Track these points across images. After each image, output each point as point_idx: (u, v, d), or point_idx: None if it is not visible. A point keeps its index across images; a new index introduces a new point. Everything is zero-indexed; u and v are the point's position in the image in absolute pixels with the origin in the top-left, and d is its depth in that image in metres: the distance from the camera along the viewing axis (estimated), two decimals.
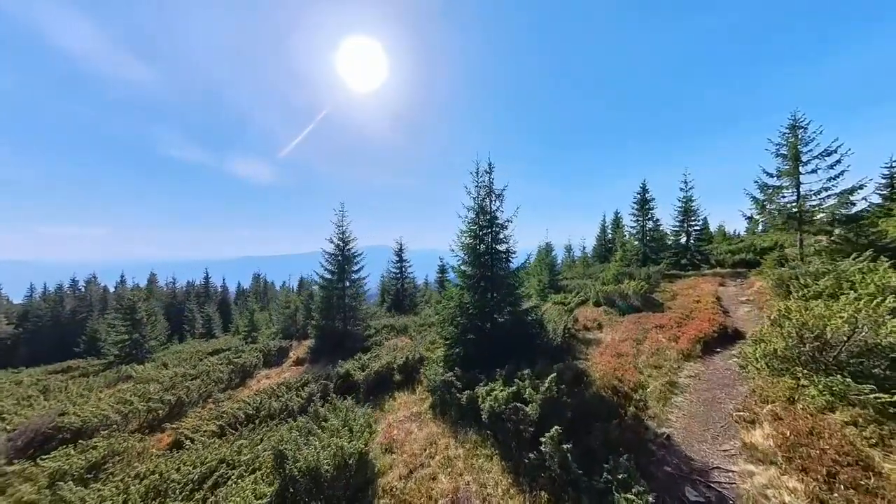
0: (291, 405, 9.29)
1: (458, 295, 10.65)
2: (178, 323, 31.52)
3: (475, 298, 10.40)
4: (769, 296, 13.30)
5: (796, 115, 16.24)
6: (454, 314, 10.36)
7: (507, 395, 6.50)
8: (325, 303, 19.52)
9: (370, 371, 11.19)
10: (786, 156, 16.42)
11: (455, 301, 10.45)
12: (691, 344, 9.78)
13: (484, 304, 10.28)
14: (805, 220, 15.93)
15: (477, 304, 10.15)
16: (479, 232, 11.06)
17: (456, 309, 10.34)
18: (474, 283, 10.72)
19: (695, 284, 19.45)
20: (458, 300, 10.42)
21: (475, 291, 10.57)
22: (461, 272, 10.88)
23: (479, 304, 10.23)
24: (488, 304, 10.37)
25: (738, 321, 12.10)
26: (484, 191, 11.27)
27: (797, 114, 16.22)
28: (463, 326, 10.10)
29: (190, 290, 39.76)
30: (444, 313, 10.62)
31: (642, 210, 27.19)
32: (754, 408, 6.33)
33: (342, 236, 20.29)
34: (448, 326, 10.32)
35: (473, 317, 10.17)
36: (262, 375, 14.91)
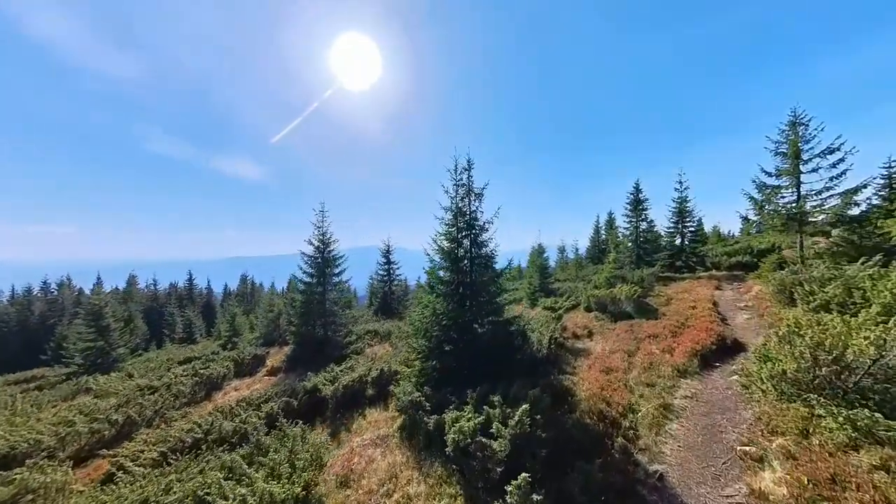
0: (246, 427, 8.32)
1: (432, 303, 9.74)
2: (158, 327, 30.33)
3: (451, 307, 9.48)
4: (770, 302, 12.49)
5: (797, 111, 15.48)
6: (427, 325, 9.44)
7: (472, 427, 5.58)
8: (304, 307, 18.53)
9: (339, 385, 10.24)
10: (786, 154, 15.66)
11: (429, 310, 9.53)
12: (687, 358, 8.92)
13: (461, 314, 9.35)
14: (805, 221, 15.16)
15: (452, 314, 9.23)
16: (457, 234, 10.16)
17: (430, 319, 9.41)
18: (451, 291, 9.81)
19: (690, 288, 18.67)
20: (433, 309, 9.50)
21: (452, 299, 9.65)
22: (437, 278, 9.96)
23: (456, 313, 9.31)
24: (466, 314, 9.46)
25: (738, 330, 11.27)
26: (462, 190, 10.37)
27: (797, 110, 15.47)
28: (437, 339, 9.18)
29: (172, 293, 38.45)
30: (416, 324, 9.69)
31: (636, 210, 26.39)
32: (761, 440, 5.46)
33: (322, 237, 19.31)
34: (420, 339, 9.39)
35: (448, 328, 9.24)
36: (231, 387, 13.91)
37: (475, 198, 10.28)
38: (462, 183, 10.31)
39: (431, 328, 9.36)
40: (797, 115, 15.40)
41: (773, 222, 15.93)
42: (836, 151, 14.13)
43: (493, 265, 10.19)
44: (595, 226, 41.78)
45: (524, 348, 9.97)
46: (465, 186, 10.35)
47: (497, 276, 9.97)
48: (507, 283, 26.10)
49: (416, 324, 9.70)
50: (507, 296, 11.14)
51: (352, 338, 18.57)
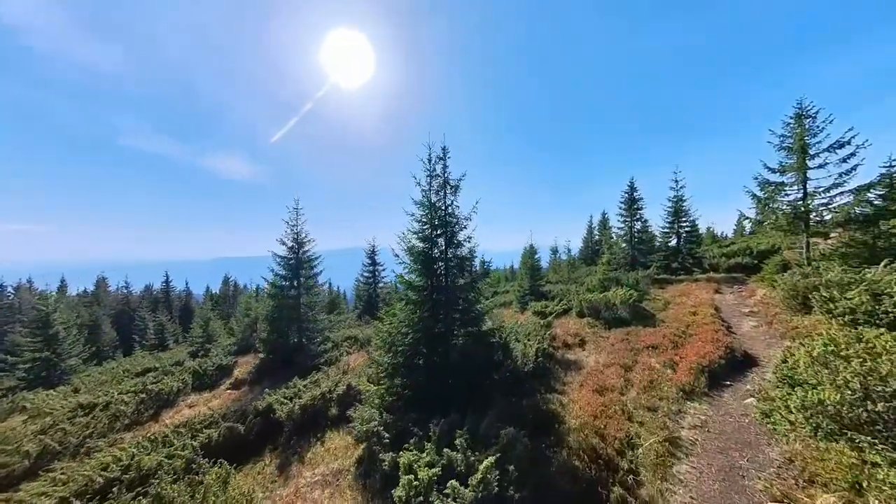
0: (174, 464, 6.95)
1: (403, 311, 8.46)
2: (129, 333, 28.55)
3: (423, 317, 8.21)
4: (779, 308, 11.38)
5: (803, 102, 14.44)
6: (394, 338, 8.15)
7: (428, 479, 4.32)
8: (276, 312, 17.14)
9: (295, 406, 8.92)
10: (791, 149, 14.61)
11: (397, 320, 8.24)
12: (693, 375, 7.73)
13: (433, 325, 8.09)
14: (812, 220, 14.11)
15: (423, 325, 7.96)
16: (430, 233, 8.90)
17: (397, 331, 8.13)
18: (423, 298, 8.54)
19: (688, 291, 17.59)
20: (401, 319, 8.22)
21: (423, 308, 8.37)
22: (407, 283, 8.68)
23: (428, 324, 8.04)
24: (439, 325, 8.19)
25: (746, 340, 10.12)
26: (437, 182, 9.11)
27: (804, 101, 14.43)
28: (405, 354, 7.89)
29: (147, 296, 36.54)
30: (382, 335, 8.39)
31: (630, 210, 25.36)
32: (799, 494, 4.26)
33: (296, 237, 17.94)
34: (385, 355, 8.10)
35: (418, 341, 7.97)
36: (185, 404, 12.49)
37: (451, 190, 9.02)
38: (436, 174, 9.05)
39: (399, 341, 8.08)
40: (803, 108, 14.37)
41: (777, 221, 14.87)
42: (846, 145, 13.10)
43: (472, 268, 8.94)
44: (588, 226, 40.77)
45: (506, 363, 8.71)
46: (440, 178, 9.10)
47: (475, 281, 8.71)
48: (492, 286, 24.30)
49: (383, 335, 8.41)
50: (497, 299, 9.97)
51: (328, 345, 17.20)
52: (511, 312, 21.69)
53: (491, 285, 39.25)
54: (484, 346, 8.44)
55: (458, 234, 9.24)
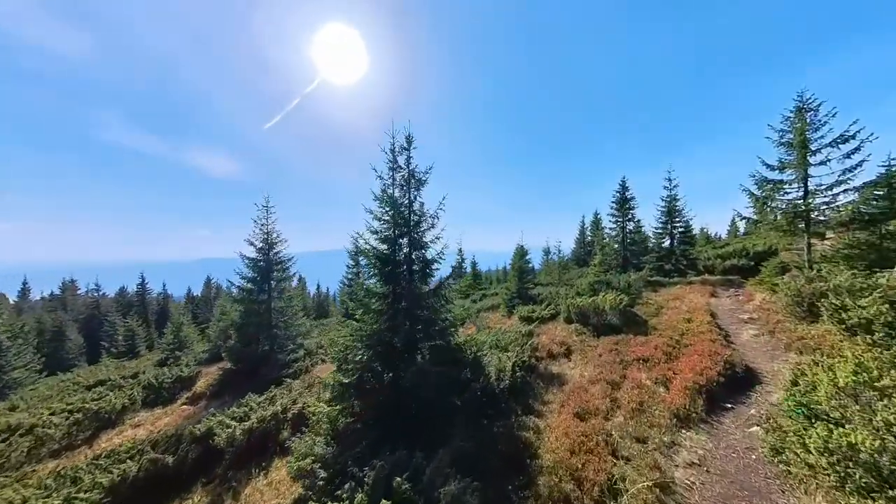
0: None
1: (361, 321, 7.37)
2: (99, 339, 27.06)
3: (379, 329, 7.13)
4: (781, 315, 10.42)
5: (804, 95, 13.55)
6: (348, 353, 7.06)
7: None
8: (244, 319, 15.98)
9: (235, 431, 7.79)
10: (791, 144, 13.71)
11: (349, 332, 7.15)
12: (689, 396, 6.71)
13: (391, 338, 7.01)
14: (814, 219, 13.22)
15: (376, 339, 6.88)
16: (392, 233, 7.83)
17: (351, 345, 7.04)
18: (383, 307, 7.46)
19: (682, 295, 16.67)
20: (357, 331, 7.13)
21: (381, 318, 7.30)
22: (364, 289, 7.59)
23: (383, 337, 6.96)
24: (397, 338, 7.12)
25: (746, 351, 9.15)
26: (401, 176, 8.05)
27: (805, 94, 13.54)
28: (358, 372, 6.81)
29: (120, 299, 34.97)
30: (336, 348, 7.29)
31: (622, 210, 24.47)
32: None
33: (267, 237, 16.78)
34: (336, 374, 7.01)
35: (373, 358, 6.88)
36: (131, 423, 11.30)
37: (416, 184, 7.97)
38: (399, 166, 7.99)
39: (352, 357, 6.99)
40: (804, 100, 13.48)
41: (776, 221, 13.99)
42: (850, 140, 12.21)
43: (436, 273, 7.89)
44: (580, 226, 39.95)
45: (476, 381, 7.64)
46: (404, 171, 8.03)
47: (440, 287, 7.65)
48: (481, 289, 22.93)
49: (337, 348, 7.32)
50: (485, 302, 8.90)
51: (298, 354, 16.04)
52: (498, 317, 20.67)
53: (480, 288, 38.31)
54: (450, 362, 7.36)
55: (426, 234, 8.20)
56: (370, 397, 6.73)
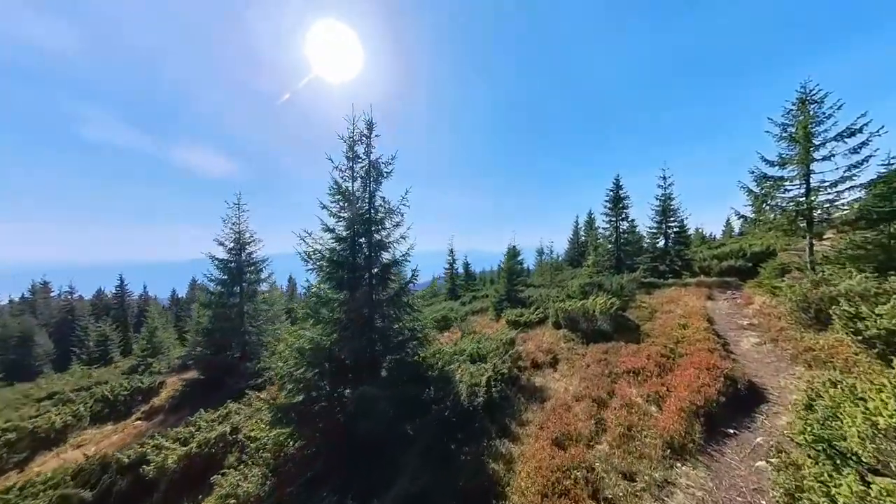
0: None
1: (313, 332, 6.42)
2: (71, 344, 25.72)
3: (337, 340, 6.19)
4: (784, 322, 9.57)
5: (807, 86, 12.73)
6: (297, 369, 6.11)
7: None
8: (213, 324, 14.98)
9: (167, 459, 6.81)
10: (793, 138, 12.90)
11: (296, 345, 6.20)
12: (685, 419, 5.81)
13: (342, 352, 6.07)
14: (817, 218, 12.41)
15: (326, 354, 5.93)
16: (350, 232, 6.90)
17: (299, 360, 6.09)
18: (338, 317, 6.52)
19: (677, 297, 15.84)
20: (304, 345, 6.18)
21: (336, 329, 6.35)
22: (316, 297, 6.64)
23: (333, 352, 6.02)
24: (351, 353, 6.17)
25: (748, 363, 8.29)
26: (361, 167, 7.12)
27: (808, 85, 12.72)
28: (304, 393, 5.86)
29: (97, 302, 33.58)
30: (283, 363, 6.33)
31: (615, 209, 23.65)
32: None
33: (238, 237, 15.79)
34: (283, 393, 6.06)
35: (325, 375, 5.94)
36: (76, 442, 10.27)
37: (376, 176, 7.03)
38: (358, 156, 7.05)
39: (298, 374, 6.04)
40: (807, 92, 12.67)
41: (776, 220, 13.18)
42: (857, 133, 11.41)
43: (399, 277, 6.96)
44: (574, 226, 39.17)
45: (444, 399, 6.71)
46: (364, 161, 7.10)
47: (399, 294, 6.71)
48: (472, 291, 21.69)
49: (281, 367, 6.36)
50: (475, 304, 7.95)
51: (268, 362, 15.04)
52: (486, 320, 19.81)
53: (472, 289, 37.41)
54: (411, 380, 6.42)
55: (392, 233, 7.27)
56: (315, 423, 5.78)
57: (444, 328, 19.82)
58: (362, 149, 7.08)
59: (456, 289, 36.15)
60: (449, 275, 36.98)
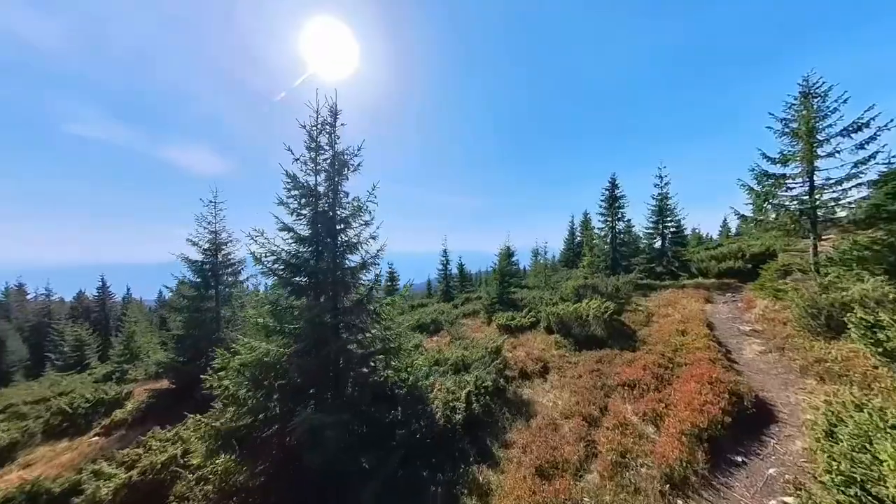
0: None
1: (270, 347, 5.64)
2: (47, 349, 24.62)
3: (291, 357, 5.42)
4: (791, 329, 8.89)
5: (810, 79, 12.10)
6: (248, 387, 5.33)
7: None
8: (185, 329, 14.16)
9: (100, 489, 6.01)
10: (795, 134, 12.26)
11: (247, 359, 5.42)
12: (686, 445, 5.09)
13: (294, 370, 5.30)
14: (822, 217, 11.77)
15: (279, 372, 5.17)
16: (313, 232, 6.15)
17: (251, 378, 5.32)
18: (299, 327, 5.76)
19: (674, 300, 15.21)
20: (252, 363, 5.40)
21: (295, 342, 5.59)
22: (269, 306, 5.87)
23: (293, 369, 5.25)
24: (317, 370, 5.41)
25: (753, 374, 7.60)
26: (325, 159, 6.37)
27: (811, 78, 12.09)
28: (252, 416, 5.09)
29: (77, 305, 32.49)
30: (223, 385, 5.55)
31: (611, 209, 23.03)
32: None
33: (214, 237, 14.96)
34: (224, 417, 5.29)
35: (279, 394, 5.18)
36: (24, 462, 9.44)
37: (341, 169, 6.28)
38: (321, 147, 6.30)
39: (246, 395, 5.27)
40: (810, 85, 12.04)
41: (779, 220, 12.54)
42: (864, 128, 10.78)
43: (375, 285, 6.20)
44: (570, 226, 38.53)
45: (418, 418, 5.96)
46: (328, 153, 6.35)
47: (362, 302, 5.95)
48: (466, 292, 20.74)
49: (229, 381, 5.58)
50: (467, 307, 7.19)
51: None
52: (478, 323, 19.08)
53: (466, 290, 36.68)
54: (377, 399, 5.67)
55: (362, 233, 6.52)
56: (265, 451, 5.02)
57: (434, 332, 19.10)
58: (326, 139, 6.33)
59: (450, 290, 35.41)
60: (443, 276, 36.26)
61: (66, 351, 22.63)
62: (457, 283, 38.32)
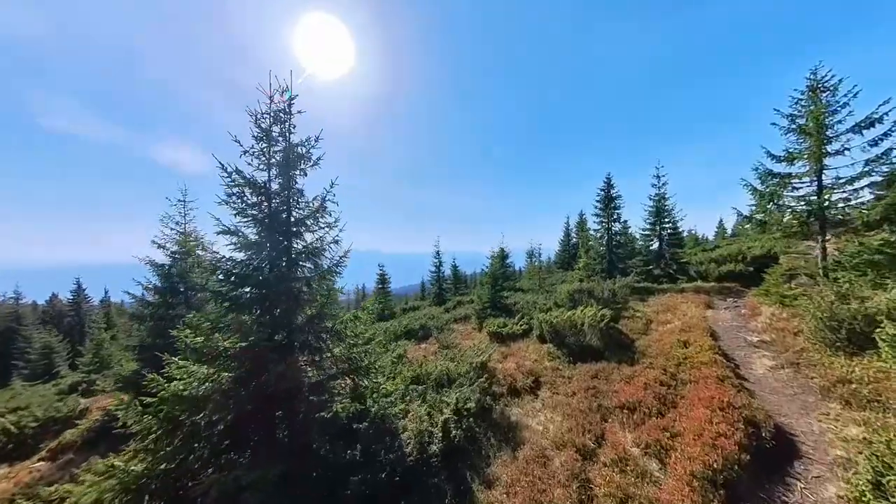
0: None
1: (195, 382, 4.74)
2: (14, 356, 23.21)
3: (221, 386, 4.52)
4: (805, 341, 8.10)
5: (818, 72, 11.37)
6: (153, 428, 4.41)
7: None
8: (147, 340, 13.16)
9: None
10: (803, 131, 11.52)
11: (179, 388, 4.52)
12: (699, 491, 4.26)
13: (229, 404, 4.41)
14: (832, 218, 11.04)
15: (217, 402, 4.28)
16: (263, 237, 5.25)
17: (166, 417, 4.41)
18: (237, 352, 4.85)
19: (673, 305, 14.47)
20: (185, 388, 4.50)
21: (231, 369, 4.69)
22: (209, 324, 4.97)
23: (228, 405, 4.36)
24: (261, 403, 4.51)
25: (766, 395, 6.79)
26: (279, 150, 5.48)
27: (819, 71, 11.36)
28: (166, 462, 4.19)
29: (49, 309, 30.99)
30: (138, 421, 4.63)
31: (607, 209, 22.28)
32: None
33: (182, 239, 13.97)
34: (134, 461, 4.37)
35: (204, 439, 4.28)
36: None
37: (294, 162, 5.39)
38: (273, 137, 5.40)
39: (164, 438, 4.35)
40: (819, 79, 11.31)
41: (785, 221, 11.80)
42: (877, 124, 10.06)
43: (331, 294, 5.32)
44: (566, 228, 37.81)
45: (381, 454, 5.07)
46: (281, 146, 5.45)
47: (315, 318, 5.05)
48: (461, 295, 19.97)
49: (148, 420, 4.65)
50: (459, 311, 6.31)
51: None
52: (469, 329, 18.21)
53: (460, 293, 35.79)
54: (329, 438, 4.77)
55: (326, 237, 5.64)
56: None
57: (422, 338, 18.24)
58: (282, 126, 5.44)
59: (443, 293, 34.53)
60: (436, 278, 35.38)
61: (34, 359, 21.36)
62: (450, 286, 37.44)
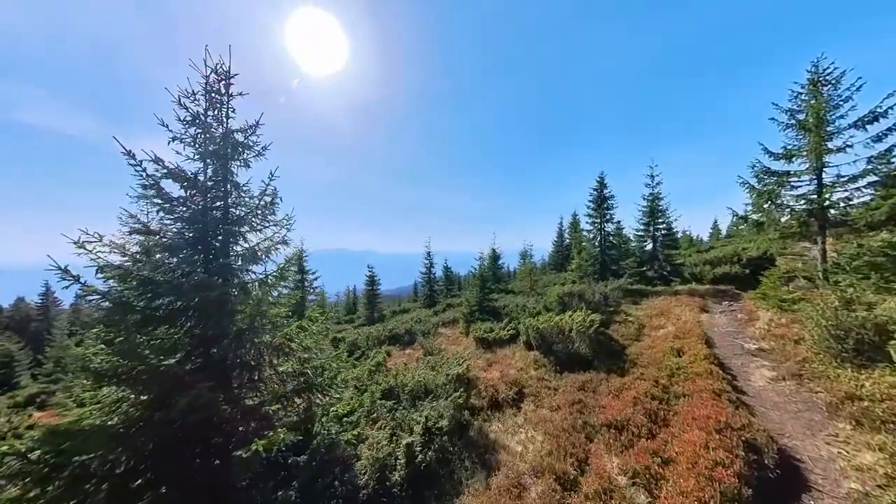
0: None
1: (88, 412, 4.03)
2: None
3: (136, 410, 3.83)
4: (807, 351, 7.50)
5: (820, 64, 10.81)
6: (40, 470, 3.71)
7: None
8: None
9: None
10: (803, 126, 10.96)
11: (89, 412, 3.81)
12: None
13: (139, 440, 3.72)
14: (833, 218, 10.48)
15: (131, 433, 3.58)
16: (193, 237, 4.55)
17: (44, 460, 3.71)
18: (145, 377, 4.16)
19: (667, 309, 13.88)
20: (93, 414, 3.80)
21: (140, 394, 4.00)
22: (126, 346, 4.26)
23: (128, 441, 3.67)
24: (172, 438, 3.82)
25: (767, 411, 6.18)
26: (218, 135, 4.77)
27: (821, 63, 10.79)
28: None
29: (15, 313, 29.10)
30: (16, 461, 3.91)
31: (600, 210, 21.71)
32: None
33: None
34: None
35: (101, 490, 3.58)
36: None
37: (231, 152, 4.69)
38: (207, 122, 4.70)
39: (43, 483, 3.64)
40: (820, 71, 10.75)
41: (788, 222, 11.24)
42: (881, 118, 9.51)
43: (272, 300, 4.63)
44: (559, 228, 37.26)
45: (328, 489, 4.39)
46: (218, 130, 4.75)
47: (243, 331, 4.36)
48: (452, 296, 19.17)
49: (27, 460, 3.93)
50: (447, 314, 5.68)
51: None
52: (457, 333, 17.55)
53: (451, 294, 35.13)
54: (258, 476, 4.08)
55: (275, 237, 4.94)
56: None
57: (407, 343, 17.58)
58: (219, 111, 4.74)
59: (434, 294, 33.86)
60: (426, 280, 34.71)
61: None
62: (442, 287, 36.78)
